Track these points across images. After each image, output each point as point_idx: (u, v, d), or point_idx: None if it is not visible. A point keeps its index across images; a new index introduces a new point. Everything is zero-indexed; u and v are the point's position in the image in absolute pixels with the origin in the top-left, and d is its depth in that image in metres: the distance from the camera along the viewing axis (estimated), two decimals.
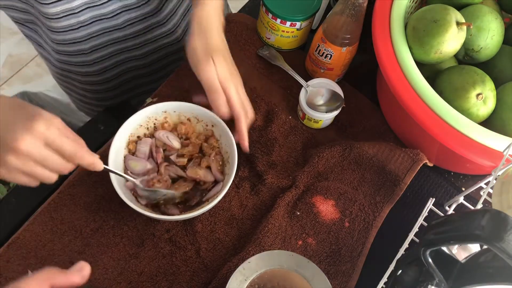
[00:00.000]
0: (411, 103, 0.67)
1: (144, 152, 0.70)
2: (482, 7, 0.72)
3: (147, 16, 0.84)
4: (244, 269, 0.58)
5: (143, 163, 0.69)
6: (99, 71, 0.90)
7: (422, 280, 0.54)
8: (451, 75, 0.71)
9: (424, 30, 0.68)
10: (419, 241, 0.62)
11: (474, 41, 0.71)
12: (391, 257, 0.62)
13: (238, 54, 0.83)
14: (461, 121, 0.65)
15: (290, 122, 0.79)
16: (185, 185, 0.69)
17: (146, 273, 0.66)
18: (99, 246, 0.66)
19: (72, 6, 0.74)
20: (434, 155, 0.76)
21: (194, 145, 0.72)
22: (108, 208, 0.68)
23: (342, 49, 0.75)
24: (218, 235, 0.69)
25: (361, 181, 0.74)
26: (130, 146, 0.70)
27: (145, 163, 0.70)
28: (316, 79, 0.78)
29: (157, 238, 0.67)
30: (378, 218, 0.71)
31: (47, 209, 0.67)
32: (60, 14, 0.75)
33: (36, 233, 0.66)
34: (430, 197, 0.68)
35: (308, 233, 0.69)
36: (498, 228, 0.45)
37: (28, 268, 0.64)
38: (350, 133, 0.80)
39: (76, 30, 0.79)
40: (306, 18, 0.79)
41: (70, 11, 0.75)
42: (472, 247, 0.65)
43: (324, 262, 0.68)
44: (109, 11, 0.79)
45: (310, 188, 0.72)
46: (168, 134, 0.71)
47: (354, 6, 0.69)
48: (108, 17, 0.80)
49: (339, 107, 0.75)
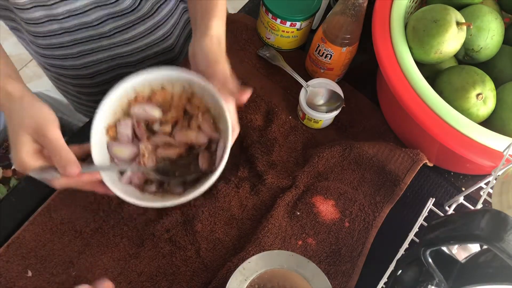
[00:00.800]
0: (411, 103, 0.67)
1: (127, 135, 0.63)
2: (482, 7, 0.72)
3: (135, 24, 0.82)
4: (244, 269, 0.58)
5: (129, 148, 0.62)
6: (91, 75, 0.88)
7: (422, 280, 0.54)
8: (451, 75, 0.71)
9: (424, 30, 0.68)
10: (419, 241, 0.62)
11: (474, 41, 0.71)
12: (391, 257, 0.62)
13: (238, 54, 0.83)
14: (461, 121, 0.65)
15: (290, 122, 0.79)
16: (175, 148, 0.63)
17: (146, 273, 0.66)
18: (99, 246, 0.66)
19: (54, 13, 0.73)
20: (434, 155, 0.76)
21: (176, 108, 0.64)
22: (108, 208, 0.68)
23: (342, 49, 0.75)
24: (218, 235, 0.69)
25: (361, 181, 0.74)
26: (110, 132, 0.63)
27: (131, 146, 0.62)
28: (316, 79, 0.78)
29: (157, 238, 0.67)
30: (378, 218, 0.71)
31: (47, 209, 0.67)
32: (42, 19, 0.73)
33: (36, 233, 0.66)
34: (430, 197, 0.68)
35: (308, 233, 0.69)
36: (498, 228, 0.45)
37: (28, 268, 0.64)
38: (350, 133, 0.80)
39: (60, 36, 0.78)
40: (306, 18, 0.79)
41: (52, 17, 0.74)
42: (472, 247, 0.65)
43: (324, 262, 0.68)
44: (93, 19, 0.76)
45: (310, 188, 0.72)
46: (144, 106, 0.63)
47: (354, 6, 0.69)
48: (93, 25, 0.77)
49: (339, 107, 0.75)
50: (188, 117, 0.65)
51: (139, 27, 0.83)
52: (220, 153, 0.61)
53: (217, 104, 0.61)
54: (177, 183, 0.62)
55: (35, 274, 0.64)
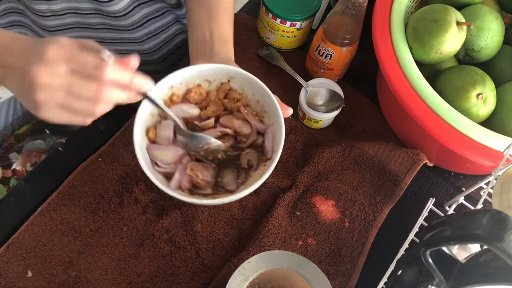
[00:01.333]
0: (411, 103, 0.67)
1: (168, 137, 0.61)
2: (482, 7, 0.72)
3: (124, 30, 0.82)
4: (244, 269, 0.58)
5: (171, 150, 0.60)
6: None
7: (422, 280, 0.54)
8: (451, 75, 0.71)
9: (424, 30, 0.68)
10: (419, 241, 0.62)
11: (474, 41, 0.71)
12: (391, 257, 0.62)
13: (238, 54, 0.83)
14: (461, 121, 0.65)
15: (290, 122, 0.79)
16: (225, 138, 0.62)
17: (146, 273, 0.66)
18: (98, 246, 0.66)
19: None
20: (434, 155, 0.75)
21: (216, 104, 0.63)
22: (108, 208, 0.68)
23: (342, 49, 0.75)
24: (218, 235, 0.69)
25: (361, 181, 0.74)
26: (150, 134, 0.61)
27: (175, 148, 0.60)
28: (316, 79, 0.78)
29: (156, 238, 0.67)
30: (378, 218, 0.71)
31: (46, 209, 0.67)
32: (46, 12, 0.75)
33: (36, 233, 0.66)
34: (430, 197, 0.67)
35: (308, 233, 0.69)
36: (498, 228, 0.45)
37: (28, 269, 0.64)
38: (350, 133, 0.80)
39: None
40: (306, 18, 0.79)
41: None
42: (472, 247, 0.65)
43: (324, 262, 0.68)
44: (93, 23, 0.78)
45: (310, 188, 0.72)
46: (182, 106, 0.62)
47: (354, 6, 0.69)
48: (82, 13, 0.78)
49: (339, 107, 0.75)
50: (228, 112, 0.64)
51: (125, 34, 0.84)
52: (269, 144, 0.61)
53: (261, 94, 0.61)
54: (230, 181, 0.60)
55: (35, 274, 0.64)
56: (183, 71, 0.61)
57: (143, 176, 0.70)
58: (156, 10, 0.84)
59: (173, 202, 0.69)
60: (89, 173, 0.70)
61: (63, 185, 0.69)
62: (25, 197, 0.70)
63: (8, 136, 1.26)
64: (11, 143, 1.26)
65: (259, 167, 0.62)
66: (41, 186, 0.70)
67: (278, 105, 0.60)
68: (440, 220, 0.54)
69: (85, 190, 0.69)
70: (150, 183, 0.69)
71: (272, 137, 0.61)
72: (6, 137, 1.24)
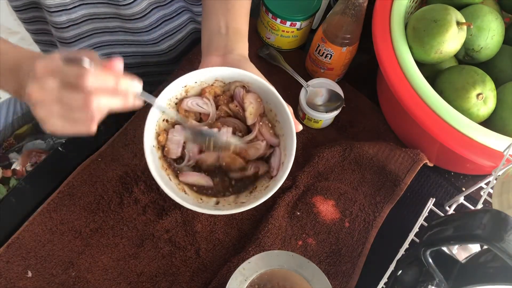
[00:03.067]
0: (411, 103, 0.67)
1: (178, 142, 0.62)
2: (482, 7, 0.72)
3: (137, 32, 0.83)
4: (244, 269, 0.58)
5: (203, 177, 0.62)
6: None
7: (422, 280, 0.54)
8: (451, 75, 0.71)
9: (424, 30, 0.68)
10: (419, 241, 0.62)
11: (475, 41, 0.71)
12: (391, 257, 0.62)
13: None
14: (461, 121, 0.65)
15: None
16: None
17: (146, 273, 0.66)
18: (98, 246, 0.66)
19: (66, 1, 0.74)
20: (434, 155, 0.75)
21: (223, 109, 0.64)
22: (108, 208, 0.68)
23: (342, 49, 0.75)
24: (218, 235, 0.69)
25: (361, 181, 0.74)
26: (160, 137, 0.62)
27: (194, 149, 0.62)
28: (316, 79, 0.78)
29: (156, 238, 0.67)
30: (378, 218, 0.71)
31: (46, 209, 0.67)
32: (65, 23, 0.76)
33: (36, 233, 0.66)
34: (430, 197, 0.67)
35: (308, 233, 0.69)
36: (498, 228, 0.45)
37: (28, 269, 0.64)
38: (350, 133, 0.80)
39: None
40: (306, 18, 0.79)
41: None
42: (472, 247, 0.65)
43: (324, 262, 0.68)
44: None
45: (310, 188, 0.72)
46: (197, 100, 0.62)
47: (354, 6, 0.69)
48: (100, 18, 0.79)
49: (339, 107, 0.75)
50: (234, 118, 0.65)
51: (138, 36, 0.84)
52: (275, 161, 0.62)
53: (275, 104, 0.61)
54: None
55: (35, 274, 0.64)
56: (198, 73, 0.61)
57: (143, 176, 0.70)
58: (172, 11, 0.84)
59: (173, 202, 0.69)
60: (89, 173, 0.70)
61: (63, 185, 0.69)
62: (25, 197, 0.70)
63: (8, 136, 1.26)
64: (11, 143, 1.26)
65: (264, 181, 0.63)
66: (41, 186, 0.70)
67: (292, 118, 0.59)
68: (440, 220, 0.54)
69: (85, 190, 0.69)
70: (150, 183, 0.70)
71: (280, 153, 0.62)
72: (6, 137, 1.24)
